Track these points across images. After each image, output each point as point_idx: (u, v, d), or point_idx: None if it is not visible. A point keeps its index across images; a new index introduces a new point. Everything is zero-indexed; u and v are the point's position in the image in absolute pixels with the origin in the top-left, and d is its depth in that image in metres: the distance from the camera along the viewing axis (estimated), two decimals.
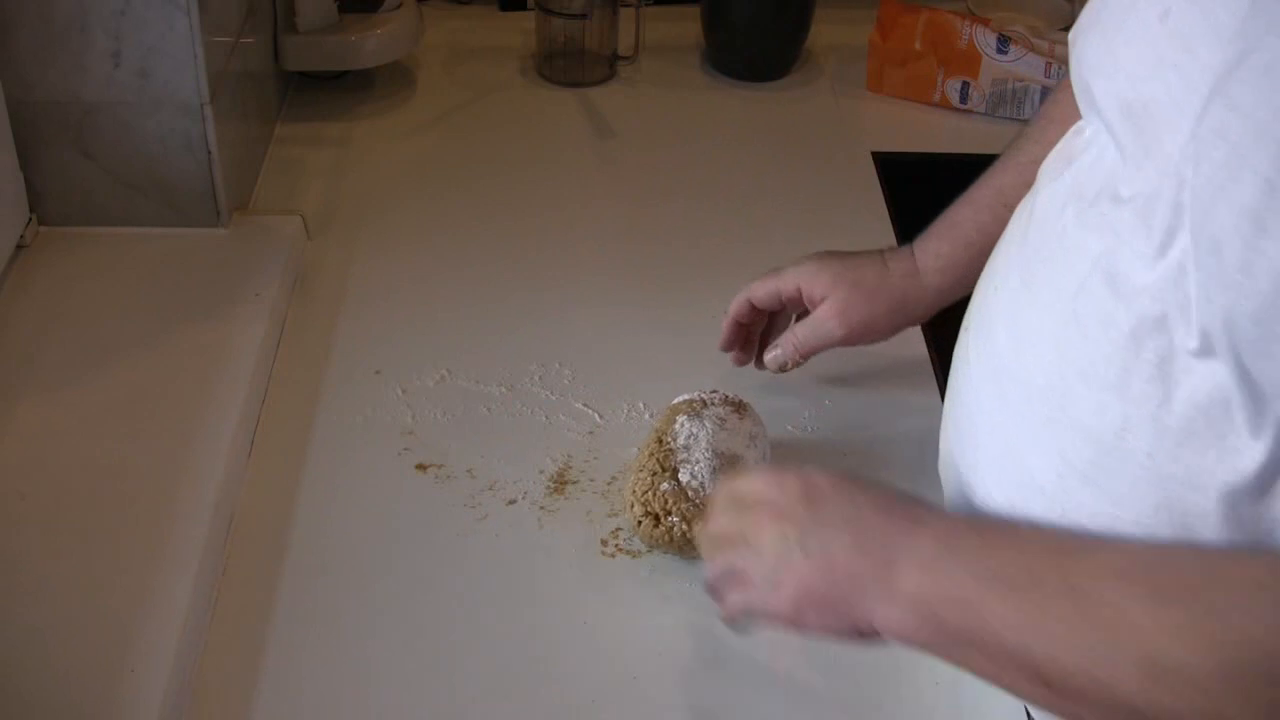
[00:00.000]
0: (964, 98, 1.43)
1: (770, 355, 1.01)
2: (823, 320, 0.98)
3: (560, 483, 0.96)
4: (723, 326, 1.03)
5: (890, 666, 0.84)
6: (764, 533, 0.73)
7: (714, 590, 0.77)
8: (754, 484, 0.76)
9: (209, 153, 1.11)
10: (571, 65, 1.46)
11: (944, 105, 1.44)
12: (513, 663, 0.84)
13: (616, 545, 0.92)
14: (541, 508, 0.94)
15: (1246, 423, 0.61)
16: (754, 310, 1.01)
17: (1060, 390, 0.69)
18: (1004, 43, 1.41)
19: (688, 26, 1.51)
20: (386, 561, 0.90)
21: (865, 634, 0.70)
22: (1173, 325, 0.63)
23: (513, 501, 0.95)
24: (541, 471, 0.97)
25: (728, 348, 1.04)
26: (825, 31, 1.50)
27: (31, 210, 1.11)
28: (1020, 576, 0.65)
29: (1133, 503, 0.66)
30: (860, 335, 0.98)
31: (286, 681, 0.82)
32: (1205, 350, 0.61)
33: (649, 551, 0.91)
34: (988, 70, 1.41)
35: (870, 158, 1.34)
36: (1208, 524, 0.64)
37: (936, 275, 0.96)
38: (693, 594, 0.88)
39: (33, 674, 0.79)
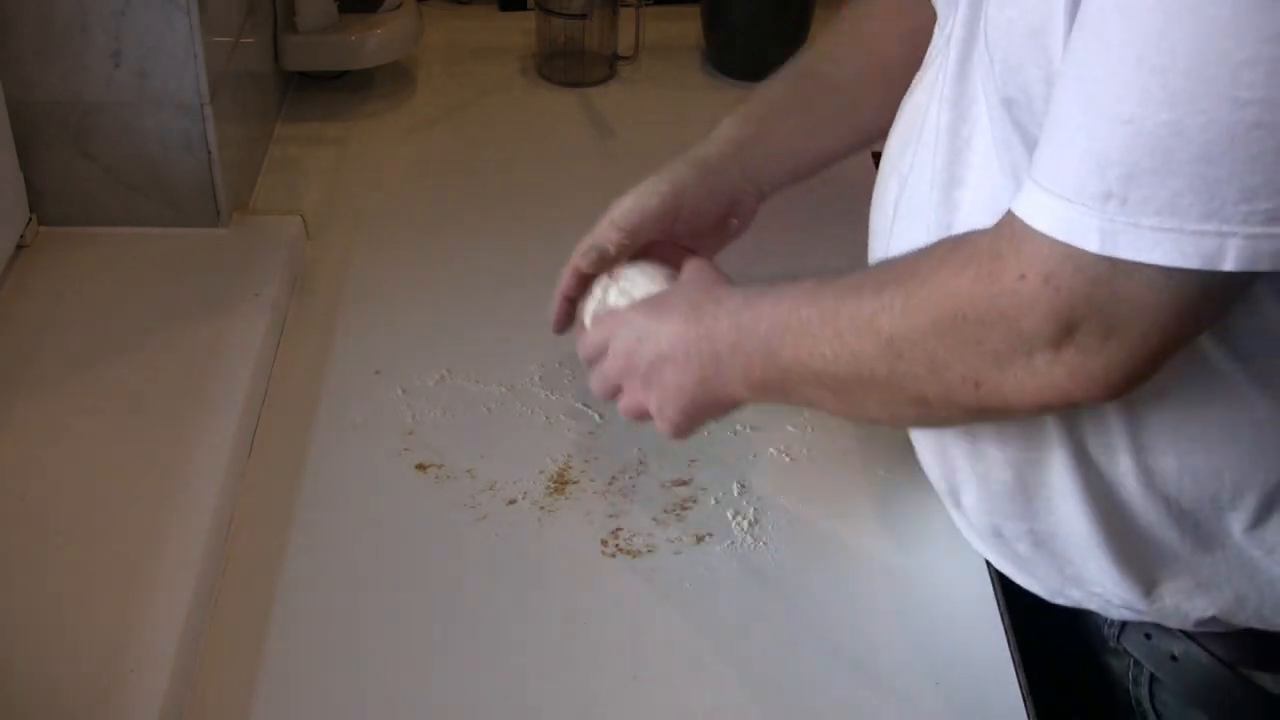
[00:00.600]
0: None
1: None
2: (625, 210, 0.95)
3: (560, 483, 0.96)
4: (553, 308, 0.95)
5: (890, 666, 0.84)
6: (630, 374, 0.85)
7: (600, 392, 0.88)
8: (596, 338, 0.88)
9: (209, 153, 1.11)
10: (571, 65, 1.46)
11: None
12: (512, 662, 0.84)
13: (616, 545, 0.92)
14: (541, 508, 0.94)
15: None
16: (583, 279, 0.94)
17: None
18: None
19: (688, 26, 1.51)
20: (386, 561, 0.90)
21: (712, 390, 0.81)
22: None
23: (513, 501, 0.95)
24: (541, 471, 0.97)
25: (561, 329, 0.96)
26: (825, 31, 1.50)
27: (31, 210, 1.11)
28: (782, 319, 0.76)
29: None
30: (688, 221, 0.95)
31: (286, 681, 0.82)
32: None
33: (649, 551, 0.91)
34: None
35: (870, 158, 1.34)
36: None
37: (768, 188, 1.01)
38: (693, 594, 0.89)
39: (33, 674, 0.79)
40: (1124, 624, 0.84)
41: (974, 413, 0.71)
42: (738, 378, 0.79)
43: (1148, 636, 0.83)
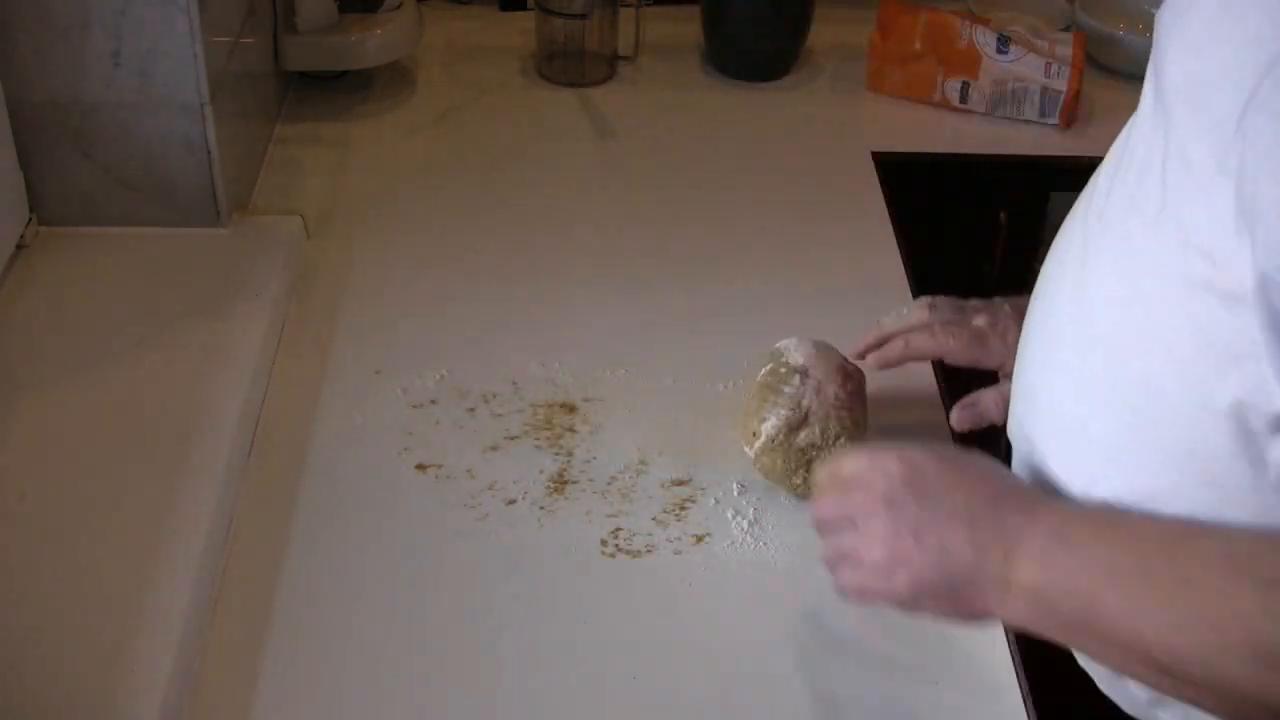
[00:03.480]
0: (964, 98, 1.43)
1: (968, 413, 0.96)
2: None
3: (560, 483, 0.96)
4: (874, 337, 1.00)
5: (890, 665, 0.84)
6: (873, 520, 0.75)
7: (829, 564, 0.79)
8: (856, 465, 0.77)
9: (209, 153, 1.11)
10: (571, 65, 1.46)
11: (944, 105, 1.44)
12: (512, 662, 0.84)
13: (616, 545, 0.92)
14: (541, 508, 0.94)
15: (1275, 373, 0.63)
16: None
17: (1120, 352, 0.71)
18: (1004, 43, 1.41)
19: (688, 26, 1.51)
20: (386, 561, 0.90)
21: (979, 619, 0.73)
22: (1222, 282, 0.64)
23: (513, 501, 0.95)
24: (541, 471, 0.97)
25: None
26: (825, 31, 1.50)
27: (31, 210, 1.11)
28: (1131, 566, 0.67)
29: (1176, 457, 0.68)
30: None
31: (286, 681, 0.82)
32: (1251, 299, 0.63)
33: (649, 551, 0.91)
34: (987, 70, 1.41)
35: (870, 158, 1.34)
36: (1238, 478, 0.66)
37: None
38: (693, 594, 0.89)
39: (33, 674, 0.79)
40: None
41: None
42: (1024, 591, 0.69)
43: None
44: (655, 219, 1.25)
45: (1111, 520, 0.71)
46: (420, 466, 0.97)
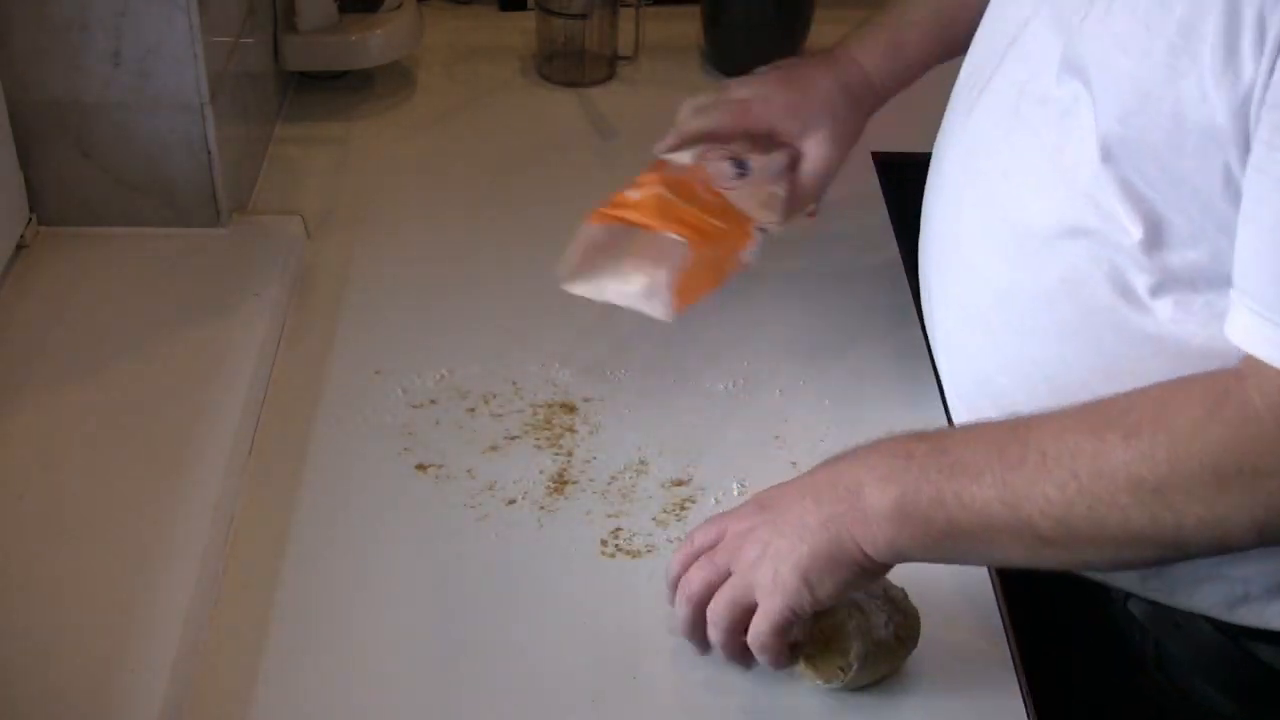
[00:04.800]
0: None
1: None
2: (823, 160, 1.03)
3: (560, 483, 0.96)
4: (675, 136, 1.04)
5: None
6: (741, 552, 0.77)
7: (728, 646, 0.79)
8: (707, 531, 0.80)
9: (209, 153, 1.10)
10: (571, 65, 1.46)
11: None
12: (512, 663, 0.84)
13: (616, 545, 0.92)
14: (541, 508, 0.94)
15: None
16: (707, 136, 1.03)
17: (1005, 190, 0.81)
18: None
19: (688, 26, 1.51)
20: (386, 561, 0.90)
21: (871, 569, 0.75)
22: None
23: (513, 501, 0.95)
24: (541, 471, 0.97)
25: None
26: (825, 31, 1.50)
27: (31, 210, 1.11)
28: (982, 458, 0.70)
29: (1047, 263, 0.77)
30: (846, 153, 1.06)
31: (286, 681, 0.82)
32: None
33: (649, 551, 0.91)
34: None
35: (870, 158, 1.34)
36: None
37: (891, 89, 1.06)
38: None
39: (33, 674, 0.79)
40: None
41: (1234, 549, 0.70)
42: (884, 516, 0.72)
43: (1153, 604, 0.84)
44: None
45: (947, 430, 0.77)
46: (420, 466, 0.97)
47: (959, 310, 0.89)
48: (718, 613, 0.78)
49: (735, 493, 0.95)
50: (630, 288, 0.97)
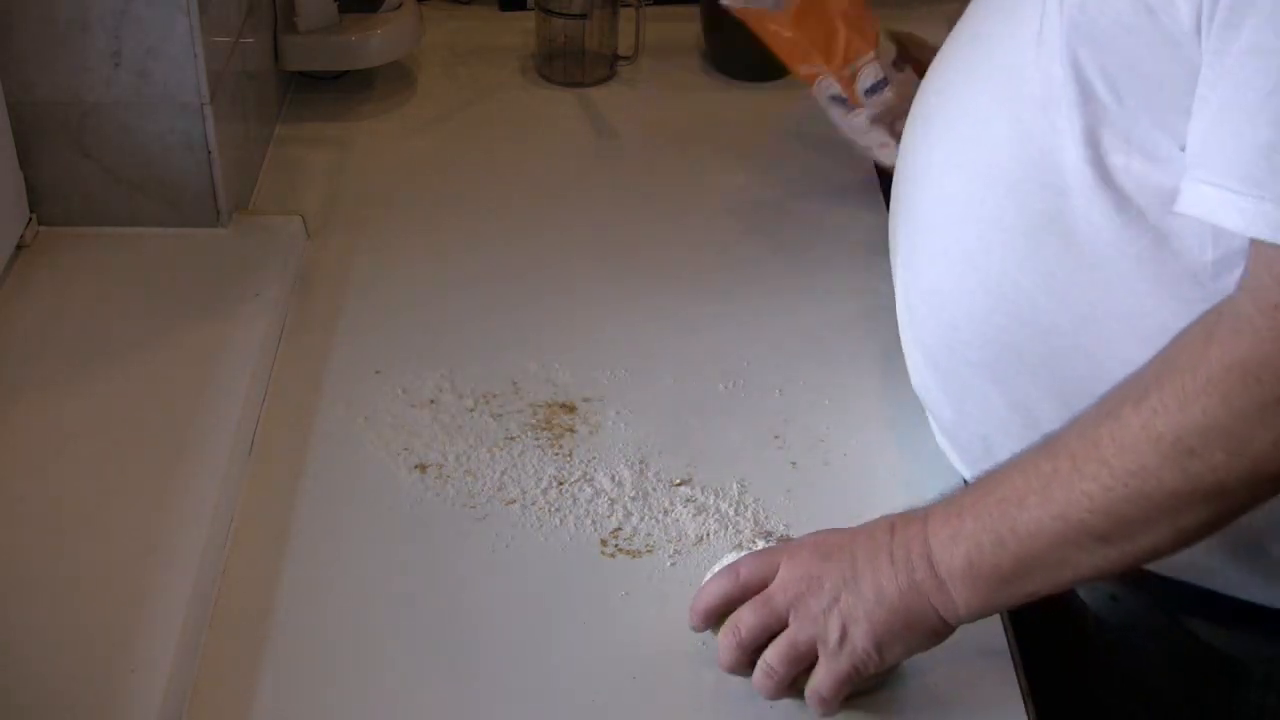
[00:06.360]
0: None
1: None
2: None
3: (560, 483, 0.96)
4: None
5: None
6: (805, 601, 0.75)
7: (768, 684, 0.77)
8: (755, 568, 0.78)
9: (209, 153, 1.11)
10: (571, 65, 1.46)
11: None
12: (512, 663, 0.84)
13: (616, 545, 0.92)
14: (541, 508, 0.94)
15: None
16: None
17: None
18: None
19: (688, 26, 1.51)
20: (386, 562, 0.90)
21: (944, 634, 0.75)
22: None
23: (513, 501, 0.95)
24: (541, 471, 0.97)
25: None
26: None
27: (31, 210, 1.11)
28: (1021, 483, 0.70)
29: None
30: None
31: (286, 681, 0.82)
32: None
33: (649, 551, 0.91)
34: None
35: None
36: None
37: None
38: (693, 594, 0.88)
39: (33, 674, 0.79)
40: None
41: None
42: (958, 576, 0.72)
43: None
44: (655, 219, 1.25)
45: (978, 481, 0.75)
46: (420, 466, 0.97)
47: (913, 223, 0.90)
48: (773, 664, 0.77)
49: (735, 492, 0.95)
50: None
